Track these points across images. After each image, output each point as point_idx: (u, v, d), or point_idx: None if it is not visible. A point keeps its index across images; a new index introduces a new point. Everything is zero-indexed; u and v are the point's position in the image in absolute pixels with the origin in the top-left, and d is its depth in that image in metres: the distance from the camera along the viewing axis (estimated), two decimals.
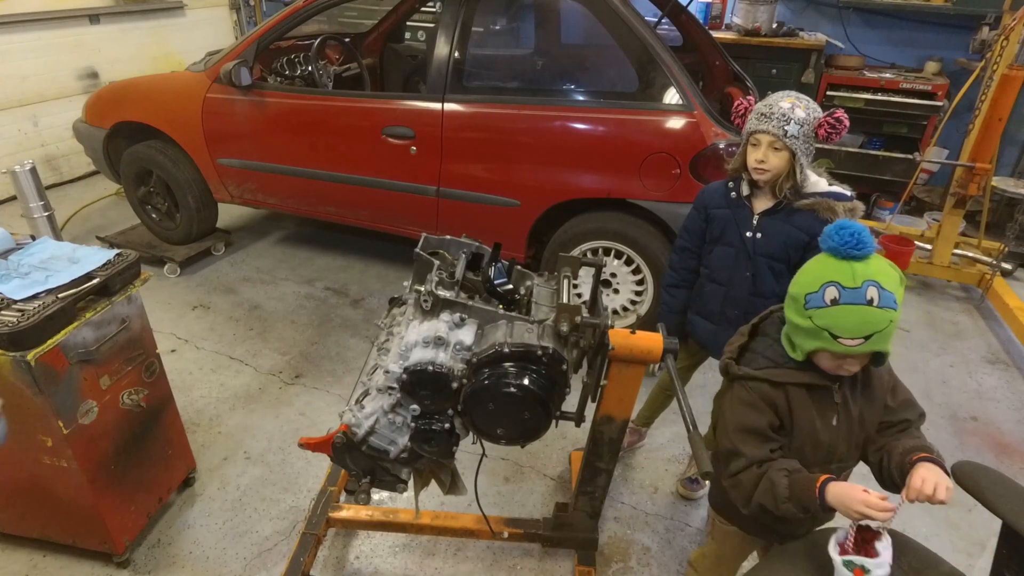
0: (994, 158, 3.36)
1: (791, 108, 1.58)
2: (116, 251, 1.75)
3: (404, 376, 1.33)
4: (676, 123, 2.53)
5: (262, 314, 3.23)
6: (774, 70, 4.51)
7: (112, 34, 4.83)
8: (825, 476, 1.15)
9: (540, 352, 1.31)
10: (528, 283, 1.56)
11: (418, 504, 1.71)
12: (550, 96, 2.91)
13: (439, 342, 1.33)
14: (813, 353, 1.17)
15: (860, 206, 1.67)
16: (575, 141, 2.69)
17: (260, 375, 2.78)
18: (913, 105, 4.25)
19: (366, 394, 1.49)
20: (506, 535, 1.89)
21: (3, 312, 1.49)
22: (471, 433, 1.44)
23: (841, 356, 1.14)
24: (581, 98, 2.83)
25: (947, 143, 4.38)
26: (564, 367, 1.35)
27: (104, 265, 1.69)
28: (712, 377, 2.76)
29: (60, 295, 1.55)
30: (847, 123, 1.59)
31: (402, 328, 1.48)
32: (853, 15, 4.67)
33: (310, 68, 3.39)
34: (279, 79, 3.43)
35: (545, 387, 1.33)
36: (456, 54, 2.78)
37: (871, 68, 4.57)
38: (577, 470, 1.93)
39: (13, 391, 1.52)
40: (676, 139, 2.53)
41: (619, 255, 2.79)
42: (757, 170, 1.65)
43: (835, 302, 1.08)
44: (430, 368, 1.31)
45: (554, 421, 1.40)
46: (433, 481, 1.63)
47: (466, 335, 1.36)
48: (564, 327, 1.34)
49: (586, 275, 2.58)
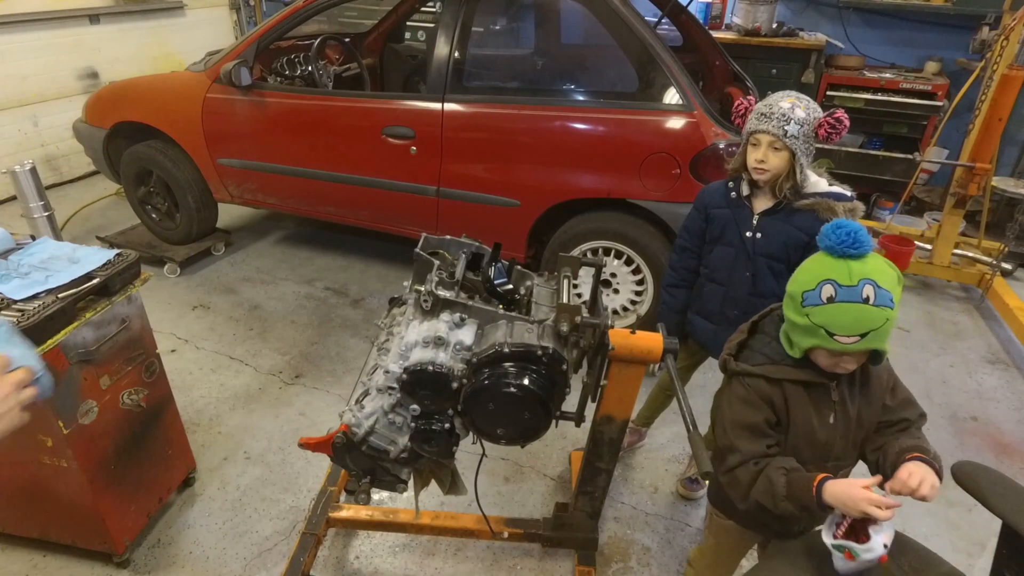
0: (994, 158, 3.36)
1: (791, 108, 1.58)
2: (116, 251, 1.75)
3: (404, 376, 1.33)
4: (676, 123, 2.53)
5: (262, 314, 3.23)
6: (774, 70, 4.51)
7: (112, 34, 4.83)
8: (823, 475, 1.15)
9: (540, 352, 1.31)
10: (528, 283, 1.56)
11: (418, 504, 1.71)
12: (550, 96, 2.91)
13: (439, 342, 1.33)
14: (810, 351, 1.18)
15: (860, 206, 1.67)
16: (575, 141, 2.69)
17: (260, 375, 2.78)
18: (913, 105, 4.25)
19: (366, 394, 1.49)
20: (506, 535, 1.89)
21: (3, 312, 1.48)
22: (471, 433, 1.44)
23: (838, 354, 1.15)
24: (581, 98, 2.83)
25: (947, 143, 4.38)
26: (564, 367, 1.34)
27: (104, 265, 1.69)
28: (712, 377, 2.76)
29: (60, 295, 1.55)
30: (847, 123, 1.59)
31: (402, 328, 1.48)
32: (853, 15, 4.67)
33: (310, 68, 3.39)
34: (279, 79, 3.43)
35: (545, 387, 1.33)
36: (456, 54, 2.78)
37: (871, 68, 4.57)
38: (577, 470, 1.93)
39: None
40: (676, 139, 2.53)
41: (619, 255, 2.79)
42: (757, 170, 1.65)
43: (831, 300, 1.09)
44: (430, 368, 1.31)
45: (554, 421, 1.40)
46: (433, 481, 1.63)
47: (466, 335, 1.36)
48: (564, 327, 1.34)
49: (586, 275, 2.58)
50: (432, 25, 4.52)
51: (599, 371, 1.45)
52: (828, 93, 4.42)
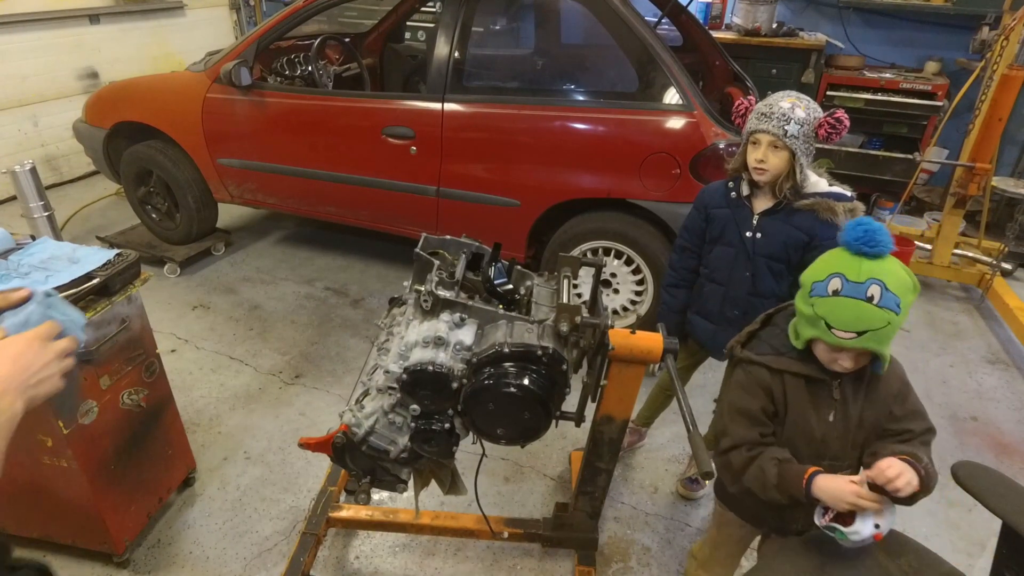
0: (994, 158, 3.36)
1: (791, 108, 1.58)
2: (116, 251, 1.75)
3: (404, 376, 1.32)
4: (676, 123, 2.53)
5: (262, 314, 3.23)
6: (774, 70, 4.51)
7: (112, 34, 4.83)
8: (814, 469, 1.18)
9: (540, 352, 1.31)
10: (528, 283, 1.56)
11: (418, 504, 1.71)
12: (550, 96, 2.91)
13: (439, 342, 1.33)
14: (811, 342, 1.20)
15: (860, 206, 1.67)
16: (575, 141, 2.69)
17: (260, 375, 2.78)
18: (913, 105, 4.24)
19: (366, 394, 1.49)
20: (506, 535, 1.89)
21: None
22: (471, 433, 1.44)
23: (836, 349, 1.16)
24: (581, 98, 2.83)
25: (947, 143, 4.37)
26: (564, 367, 1.34)
27: (104, 265, 1.68)
28: (712, 377, 2.76)
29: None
30: (847, 123, 1.59)
31: (402, 328, 1.48)
32: (853, 15, 4.67)
33: (310, 68, 3.39)
34: (279, 79, 3.43)
35: (545, 387, 1.33)
36: (456, 54, 2.78)
37: (871, 68, 4.57)
38: (577, 470, 1.93)
39: None
40: (676, 139, 2.53)
41: (619, 255, 2.78)
42: (757, 170, 1.65)
43: (836, 293, 1.11)
44: (430, 368, 1.31)
45: (554, 421, 1.40)
46: (433, 481, 1.63)
47: (466, 335, 1.36)
48: (564, 327, 1.34)
49: (586, 275, 2.58)
50: (432, 25, 4.52)
51: (599, 371, 1.45)
52: (828, 93, 4.42)
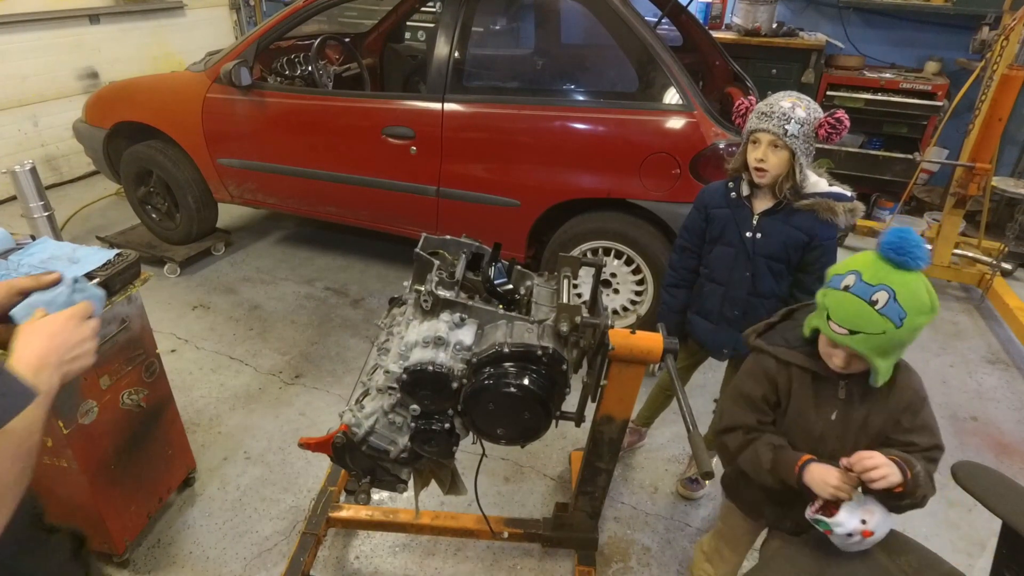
0: (994, 158, 3.36)
1: (792, 108, 1.58)
2: (116, 251, 1.74)
3: (404, 376, 1.32)
4: (676, 123, 2.53)
5: (262, 314, 3.23)
6: (774, 70, 4.51)
7: (112, 34, 4.83)
8: (808, 457, 1.22)
9: (540, 352, 1.31)
10: (528, 283, 1.56)
11: (418, 504, 1.71)
12: (550, 96, 2.91)
13: (439, 342, 1.33)
14: (816, 332, 1.23)
15: (860, 206, 1.67)
16: (575, 141, 2.69)
17: (260, 375, 2.78)
18: (913, 105, 4.24)
19: (366, 394, 1.49)
20: (506, 535, 1.89)
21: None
22: (471, 433, 1.44)
23: (832, 344, 1.18)
24: (581, 98, 2.83)
25: (947, 143, 4.37)
26: (564, 367, 1.34)
27: (104, 265, 1.68)
28: (712, 377, 2.76)
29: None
30: (847, 124, 1.59)
31: (402, 328, 1.48)
32: (853, 15, 4.67)
33: (310, 68, 3.39)
34: (279, 79, 3.43)
35: (545, 387, 1.33)
36: (456, 54, 2.78)
37: (871, 68, 4.57)
38: (577, 470, 1.93)
39: None
40: (676, 139, 2.53)
41: (619, 255, 2.78)
42: (757, 170, 1.65)
43: (847, 289, 1.13)
44: (430, 368, 1.31)
45: (554, 421, 1.40)
46: (433, 481, 1.63)
47: (466, 335, 1.36)
48: (564, 327, 1.34)
49: (586, 275, 2.58)
50: (432, 25, 4.52)
51: (599, 371, 1.45)
52: (828, 93, 4.42)
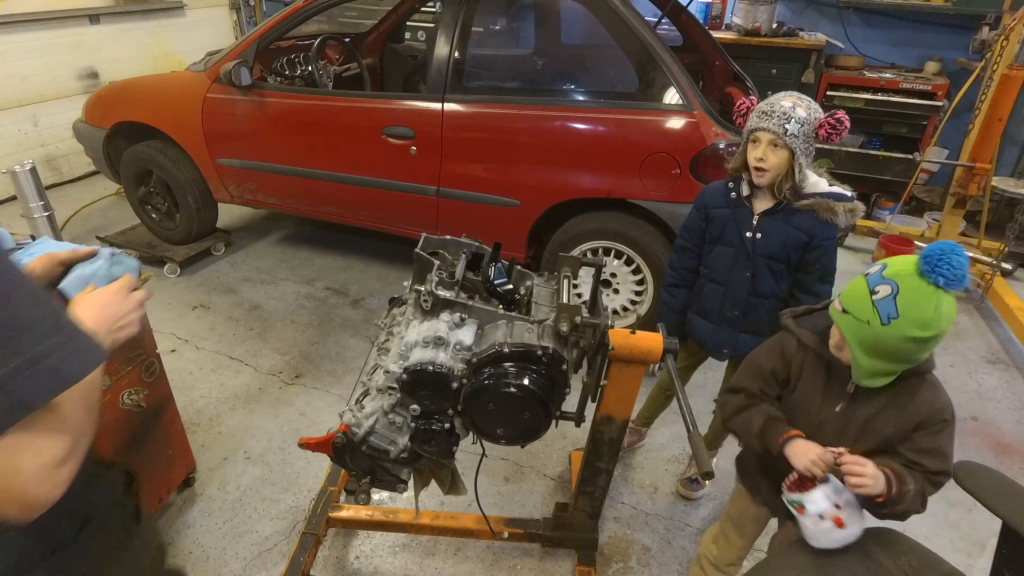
0: (994, 158, 3.36)
1: (792, 107, 1.59)
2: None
3: (404, 376, 1.32)
4: (676, 123, 2.53)
5: (262, 314, 3.23)
6: (774, 70, 4.51)
7: (112, 34, 4.83)
8: (797, 432, 1.26)
9: (540, 352, 1.31)
10: (528, 283, 1.56)
11: (418, 504, 1.71)
12: (550, 96, 2.91)
13: (439, 342, 1.33)
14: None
15: (860, 206, 1.67)
16: (575, 141, 2.69)
17: (260, 375, 2.78)
18: (913, 105, 4.24)
19: (366, 394, 1.49)
20: (506, 535, 1.89)
21: None
22: (471, 433, 1.44)
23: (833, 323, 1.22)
24: (581, 98, 2.83)
25: (947, 143, 4.37)
26: (564, 367, 1.34)
27: None
28: (712, 377, 2.76)
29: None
30: (848, 124, 1.59)
31: (402, 328, 1.48)
32: (853, 15, 4.67)
33: (310, 68, 3.39)
34: (279, 79, 3.43)
35: (545, 387, 1.33)
36: (456, 54, 2.78)
37: (871, 68, 4.57)
38: (577, 470, 1.93)
39: None
40: (676, 139, 2.53)
41: (619, 255, 2.78)
42: (756, 170, 1.65)
43: (867, 274, 1.17)
44: (430, 368, 1.31)
45: (554, 421, 1.40)
46: (433, 481, 1.63)
47: (466, 335, 1.36)
48: (564, 327, 1.34)
49: (586, 275, 2.58)
50: (432, 25, 4.52)
51: (599, 371, 1.45)
52: (828, 93, 4.42)
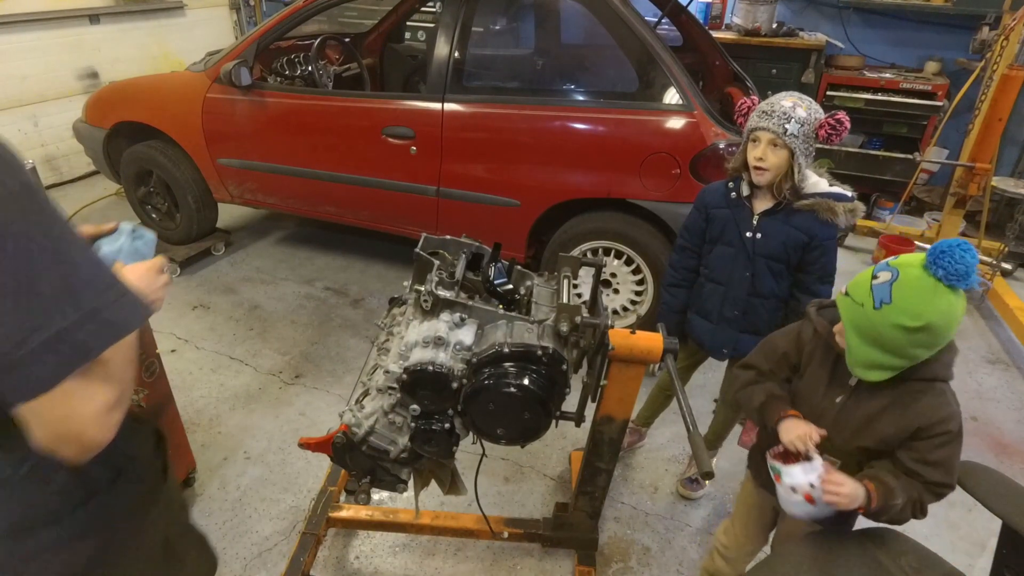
0: (994, 158, 3.37)
1: (792, 107, 1.59)
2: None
3: (404, 376, 1.32)
4: (676, 123, 2.53)
5: (262, 314, 3.23)
6: (774, 70, 4.51)
7: (112, 34, 4.82)
8: (795, 413, 1.30)
9: (540, 352, 1.31)
10: (528, 283, 1.56)
11: (418, 504, 1.71)
12: (550, 96, 2.91)
13: (439, 342, 1.33)
14: None
15: (860, 206, 1.67)
16: (575, 141, 2.69)
17: (260, 375, 2.78)
18: (913, 105, 4.24)
19: (366, 394, 1.49)
20: (506, 535, 1.89)
21: None
22: (471, 433, 1.44)
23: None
24: (581, 98, 2.83)
25: (947, 143, 4.37)
26: (564, 367, 1.34)
27: None
28: (712, 377, 2.76)
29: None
30: (848, 125, 1.59)
31: (402, 328, 1.48)
32: (853, 15, 4.66)
33: (310, 68, 3.39)
34: (279, 79, 3.43)
35: (545, 387, 1.33)
36: (456, 54, 2.78)
37: (871, 68, 4.57)
38: (577, 470, 1.93)
39: None
40: (676, 139, 2.53)
41: (619, 255, 2.78)
42: (756, 169, 1.65)
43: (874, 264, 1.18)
44: (430, 368, 1.31)
45: (554, 421, 1.40)
46: (433, 481, 1.63)
47: (466, 335, 1.36)
48: (564, 327, 1.34)
49: (586, 275, 2.58)
50: (432, 25, 4.53)
51: (599, 371, 1.45)
52: (828, 93, 4.42)
